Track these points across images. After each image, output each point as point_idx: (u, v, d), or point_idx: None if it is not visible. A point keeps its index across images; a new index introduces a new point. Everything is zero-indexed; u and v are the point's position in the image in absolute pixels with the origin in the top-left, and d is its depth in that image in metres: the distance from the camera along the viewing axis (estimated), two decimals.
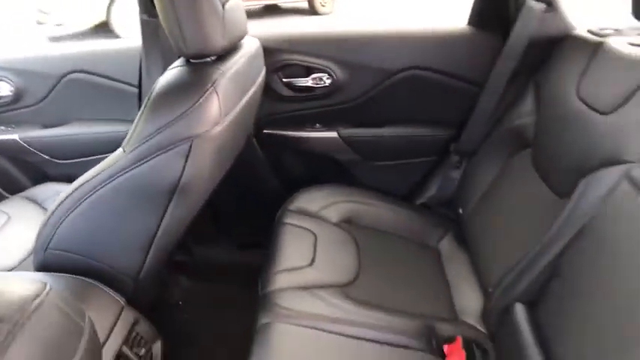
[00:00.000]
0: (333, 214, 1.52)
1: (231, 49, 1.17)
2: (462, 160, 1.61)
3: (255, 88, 1.27)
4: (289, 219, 1.47)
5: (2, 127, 1.72)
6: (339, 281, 1.28)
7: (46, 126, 1.73)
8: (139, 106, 1.60)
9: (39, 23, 5.02)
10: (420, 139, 1.68)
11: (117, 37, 5.29)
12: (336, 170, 1.76)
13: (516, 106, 1.41)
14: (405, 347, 1.12)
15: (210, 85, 1.01)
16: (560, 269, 1.01)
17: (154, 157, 0.97)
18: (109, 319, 1.04)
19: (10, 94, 1.69)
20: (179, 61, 1.11)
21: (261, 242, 1.47)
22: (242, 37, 1.22)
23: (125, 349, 1.04)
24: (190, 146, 0.97)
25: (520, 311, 1.07)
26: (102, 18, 5.25)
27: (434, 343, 1.14)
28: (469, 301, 1.31)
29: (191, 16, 0.99)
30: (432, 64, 1.57)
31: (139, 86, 1.63)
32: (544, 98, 1.31)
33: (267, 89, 1.57)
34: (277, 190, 1.77)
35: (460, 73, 1.57)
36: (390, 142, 1.69)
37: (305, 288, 1.23)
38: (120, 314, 1.07)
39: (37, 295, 0.53)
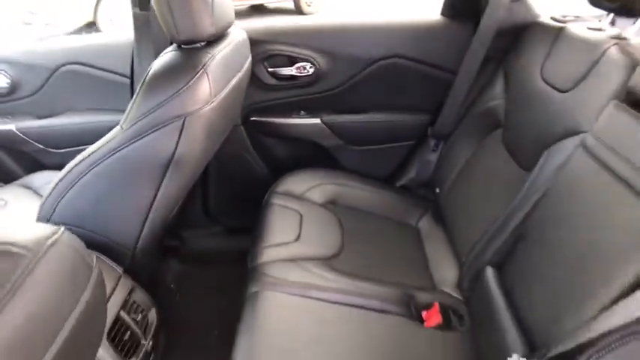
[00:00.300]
0: (318, 195, 1.61)
1: (220, 36, 1.24)
2: (439, 143, 1.70)
3: (242, 73, 1.35)
4: (276, 200, 1.54)
5: None
6: (324, 254, 1.36)
7: (41, 116, 1.78)
8: (132, 96, 1.67)
9: (26, 24, 5.04)
10: (398, 125, 1.77)
11: None
12: (320, 155, 1.84)
13: (487, 90, 1.51)
14: (387, 312, 1.20)
15: (200, 67, 1.09)
16: (525, 233, 1.11)
17: (149, 133, 1.05)
18: (108, 285, 1.10)
19: (7, 86, 1.74)
20: (171, 47, 1.18)
21: (250, 227, 1.54)
22: (229, 26, 1.30)
23: (123, 314, 1.12)
24: (183, 123, 1.05)
25: (490, 274, 1.16)
26: (89, 18, 5.29)
27: (413, 309, 1.22)
28: (446, 273, 1.40)
29: (182, 4, 1.06)
30: (409, 53, 1.66)
31: (131, 77, 1.70)
32: (512, 81, 1.41)
33: (254, 78, 1.65)
34: (264, 175, 1.84)
35: (435, 61, 1.66)
36: (370, 127, 1.78)
37: (291, 260, 1.31)
38: (118, 281, 1.15)
39: (54, 233, 0.61)
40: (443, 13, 1.70)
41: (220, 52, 1.19)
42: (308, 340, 1.09)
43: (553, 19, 1.40)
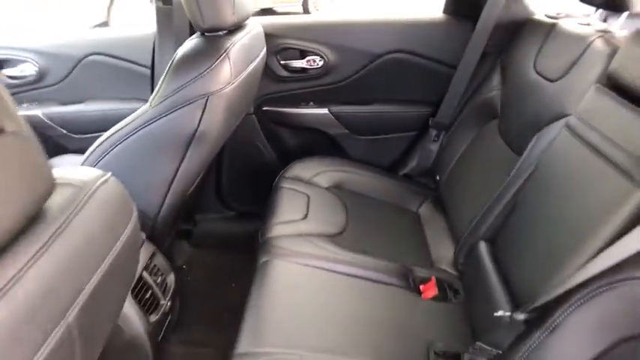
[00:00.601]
0: (324, 180, 1.71)
1: (239, 26, 1.35)
2: (440, 133, 1.80)
3: (258, 60, 1.46)
4: (285, 184, 1.64)
5: (26, 104, 1.87)
6: (329, 232, 1.46)
7: (66, 103, 1.87)
8: (152, 86, 1.78)
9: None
10: (402, 116, 1.87)
11: None
12: (327, 143, 1.94)
13: (485, 83, 1.61)
14: (387, 284, 1.29)
15: (223, 51, 1.20)
16: (516, 207, 1.20)
17: (175, 110, 1.16)
18: None
19: (34, 73, 1.84)
20: (195, 35, 1.29)
21: (260, 212, 1.63)
22: (248, 17, 1.41)
23: (145, 275, 1.22)
24: (206, 101, 1.16)
25: (483, 248, 1.26)
26: (102, 18, 5.41)
27: (411, 282, 1.32)
28: (444, 252, 1.50)
29: None
30: (413, 48, 1.76)
31: (152, 68, 1.80)
32: (508, 74, 1.51)
33: (267, 70, 1.76)
34: (274, 163, 1.95)
35: (436, 56, 1.77)
36: (375, 118, 1.88)
37: (300, 235, 1.41)
38: (142, 245, 1.25)
39: (104, 175, 0.70)
40: (445, 11, 1.81)
41: (240, 40, 1.30)
42: (313, 305, 1.18)
43: (547, 15, 1.50)
